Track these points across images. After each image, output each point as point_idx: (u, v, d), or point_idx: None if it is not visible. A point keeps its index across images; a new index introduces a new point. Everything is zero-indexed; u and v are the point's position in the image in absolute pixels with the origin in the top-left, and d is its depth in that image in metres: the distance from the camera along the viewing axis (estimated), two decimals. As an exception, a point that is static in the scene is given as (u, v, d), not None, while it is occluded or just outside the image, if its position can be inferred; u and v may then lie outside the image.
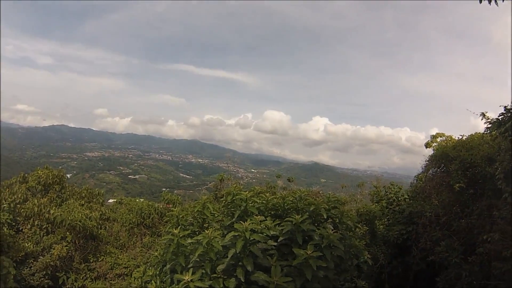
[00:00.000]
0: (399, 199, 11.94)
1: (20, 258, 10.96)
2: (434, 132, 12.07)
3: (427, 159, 11.03)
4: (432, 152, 11.11)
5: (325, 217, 5.47)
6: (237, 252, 4.49)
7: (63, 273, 11.53)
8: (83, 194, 14.57)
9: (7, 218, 11.12)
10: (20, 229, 12.09)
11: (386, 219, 11.78)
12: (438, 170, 10.54)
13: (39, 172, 13.69)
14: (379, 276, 10.40)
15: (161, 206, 16.08)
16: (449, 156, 9.72)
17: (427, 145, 12.09)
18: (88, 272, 11.93)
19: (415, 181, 12.10)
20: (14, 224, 11.94)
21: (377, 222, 11.44)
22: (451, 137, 11.47)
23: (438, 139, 11.77)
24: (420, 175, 11.58)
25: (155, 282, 5.82)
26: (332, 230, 5.03)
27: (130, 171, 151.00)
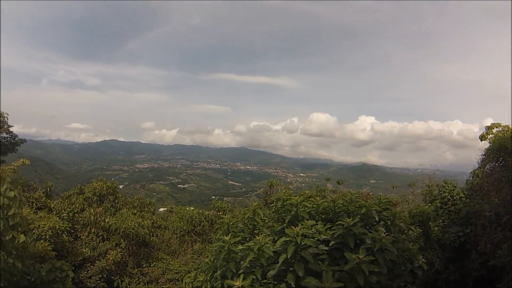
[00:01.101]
0: (454, 198, 11.21)
1: (78, 262, 11.83)
2: (488, 122, 11.15)
3: (483, 153, 10.20)
4: (488, 144, 10.31)
5: (377, 220, 5.26)
6: (288, 257, 4.46)
7: (118, 277, 12.21)
8: (135, 203, 15.40)
9: (66, 226, 12.12)
10: (78, 236, 13.06)
11: (441, 220, 11.10)
12: (496, 164, 9.71)
13: (94, 184, 14.68)
14: (435, 283, 9.79)
15: (211, 214, 16.48)
16: (507, 148, 8.96)
17: (482, 138, 11.22)
18: (141, 276, 12.51)
19: (471, 177, 11.28)
20: (72, 231, 12.99)
21: (431, 224, 10.82)
22: (508, 127, 10.57)
23: (494, 130, 10.88)
24: (476, 170, 10.76)
25: (206, 288, 5.92)
26: (384, 233, 4.86)
27: (179, 180, 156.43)
